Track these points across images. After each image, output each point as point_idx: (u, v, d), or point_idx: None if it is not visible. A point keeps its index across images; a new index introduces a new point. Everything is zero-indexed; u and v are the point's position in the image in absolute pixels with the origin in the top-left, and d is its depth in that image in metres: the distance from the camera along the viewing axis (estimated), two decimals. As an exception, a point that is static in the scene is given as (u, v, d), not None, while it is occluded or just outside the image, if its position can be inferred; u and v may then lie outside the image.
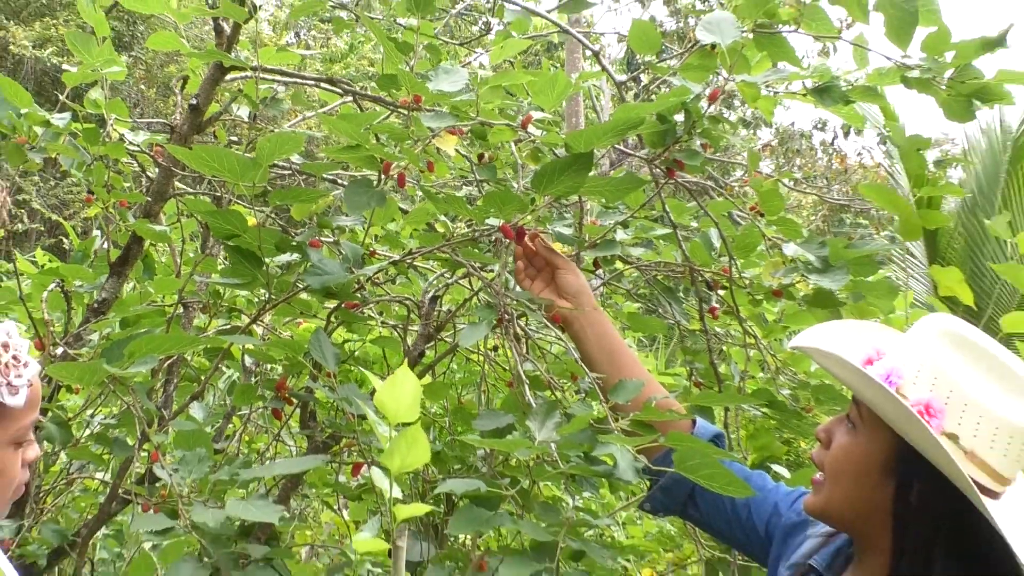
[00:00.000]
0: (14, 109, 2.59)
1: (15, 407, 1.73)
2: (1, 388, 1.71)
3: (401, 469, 1.28)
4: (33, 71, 15.15)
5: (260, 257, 2.36)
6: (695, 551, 3.37)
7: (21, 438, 1.79)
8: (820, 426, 1.99)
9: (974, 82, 2.32)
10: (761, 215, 2.58)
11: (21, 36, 15.32)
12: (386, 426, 1.29)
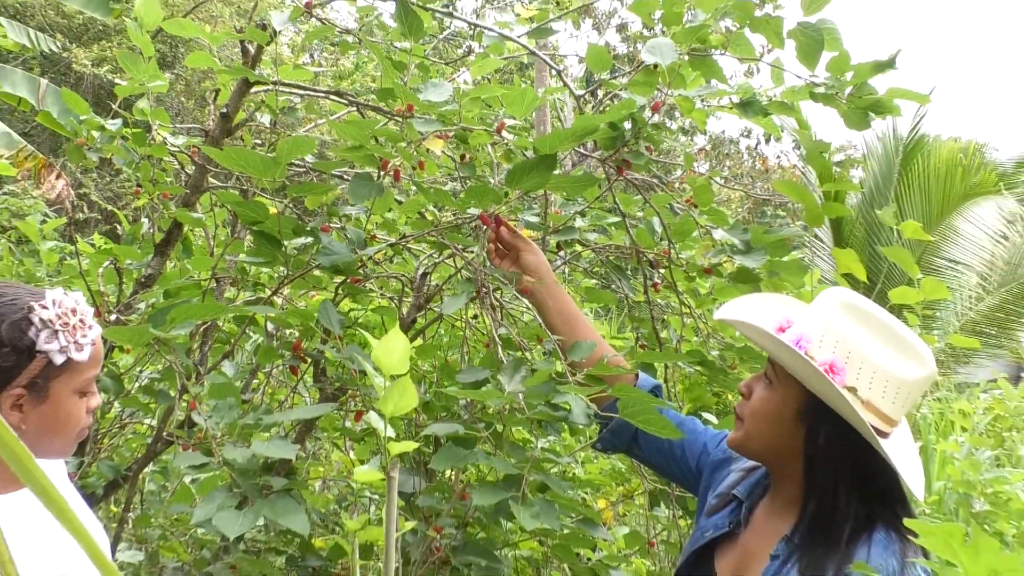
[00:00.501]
0: (75, 117, 2.58)
1: (80, 361, 1.73)
2: (70, 345, 1.71)
3: (394, 413, 1.29)
4: (91, 86, 15.04)
5: (280, 240, 2.36)
6: (641, 484, 3.38)
7: (85, 389, 1.79)
8: (742, 382, 2.02)
9: (869, 97, 2.33)
10: (695, 206, 2.59)
11: (82, 56, 15.20)
12: (381, 377, 1.30)
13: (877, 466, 1.83)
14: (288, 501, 2.01)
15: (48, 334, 1.70)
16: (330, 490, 3.46)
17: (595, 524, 2.61)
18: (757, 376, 1.98)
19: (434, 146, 2.31)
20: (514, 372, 2.09)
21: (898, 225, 2.38)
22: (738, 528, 1.99)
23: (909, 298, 2.50)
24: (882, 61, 2.31)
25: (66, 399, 1.76)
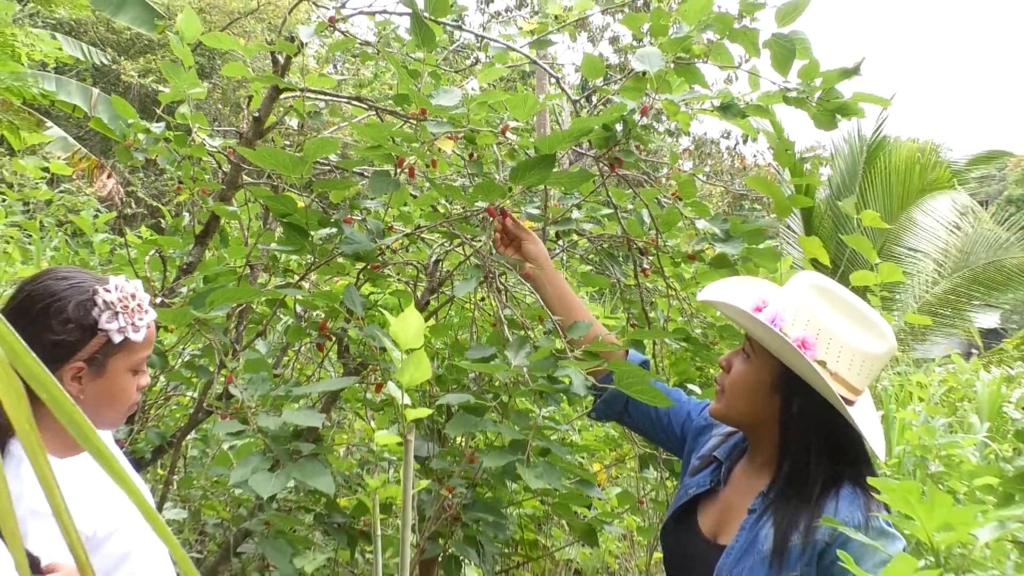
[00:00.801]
0: (124, 121, 2.58)
1: (136, 342, 1.75)
2: (128, 326, 1.73)
3: (410, 383, 1.30)
4: (138, 94, 15.02)
5: (307, 231, 2.36)
6: (631, 449, 3.39)
7: (138, 367, 1.80)
8: (723, 356, 2.03)
9: (836, 101, 2.32)
10: (680, 199, 2.58)
11: (129, 68, 15.20)
12: (399, 351, 1.30)
13: (844, 430, 1.85)
14: (315, 464, 2.01)
15: (110, 315, 1.72)
16: (353, 455, 3.46)
17: (591, 485, 2.62)
18: (736, 351, 1.99)
19: (445, 146, 2.31)
20: (519, 348, 2.10)
21: (858, 215, 2.38)
22: (718, 486, 2.01)
23: (869, 281, 2.50)
24: (848, 68, 2.30)
25: (121, 375, 1.77)
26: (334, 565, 3.39)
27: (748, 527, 1.85)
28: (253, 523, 2.54)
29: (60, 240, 5.40)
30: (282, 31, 2.63)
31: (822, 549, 1.74)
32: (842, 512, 1.76)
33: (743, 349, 1.96)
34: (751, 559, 1.81)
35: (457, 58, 12.43)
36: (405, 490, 1.26)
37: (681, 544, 2.02)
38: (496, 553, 2.81)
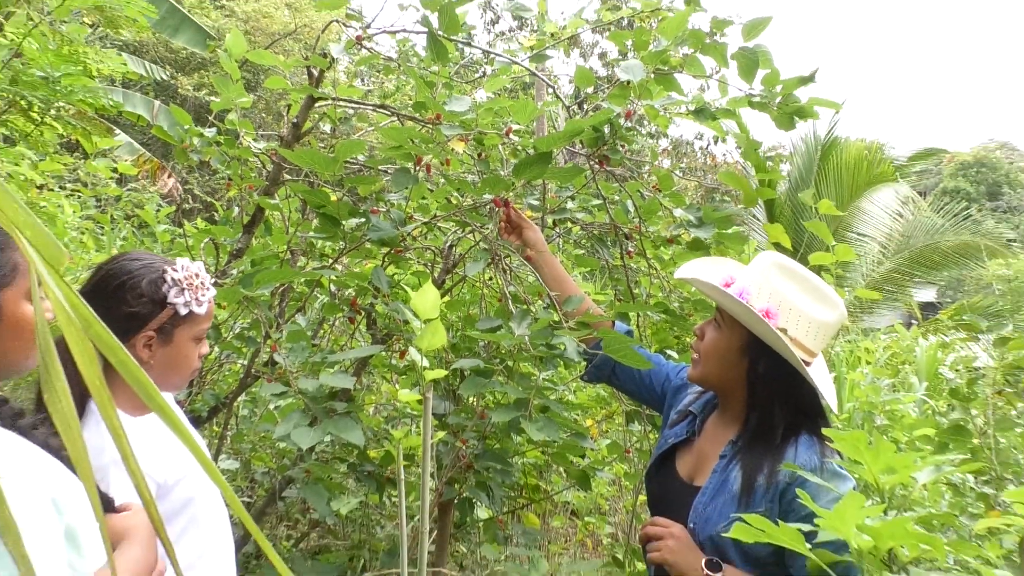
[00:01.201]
0: (181, 127, 2.58)
1: (199, 314, 1.76)
2: (192, 301, 1.73)
3: (428, 348, 1.30)
4: (193, 106, 14.97)
5: (339, 220, 2.36)
6: (619, 407, 3.39)
7: (200, 337, 1.81)
8: (697, 326, 2.03)
9: (794, 105, 2.31)
10: (660, 191, 2.58)
11: (185, 83, 15.17)
12: (418, 321, 1.30)
13: (802, 388, 1.85)
14: (348, 420, 2.02)
15: (177, 290, 1.72)
16: (380, 413, 3.47)
17: (584, 437, 2.63)
18: (708, 321, 1.99)
19: (457, 146, 2.30)
20: (521, 320, 2.10)
21: (815, 204, 2.38)
22: (693, 436, 2.02)
23: (826, 260, 2.49)
24: (804, 76, 2.29)
25: (185, 343, 1.77)
26: (365, 507, 3.41)
27: (720, 470, 1.86)
28: (295, 471, 2.55)
29: (128, 231, 5.40)
30: (316, 48, 2.61)
31: (783, 488, 1.75)
32: (800, 457, 1.77)
33: (715, 320, 1.96)
34: (722, 497, 1.82)
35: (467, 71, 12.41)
36: (425, 441, 1.26)
37: (662, 486, 2.03)
38: (503, 496, 2.82)
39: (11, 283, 1.29)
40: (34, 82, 1.98)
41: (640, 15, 2.63)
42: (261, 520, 3.05)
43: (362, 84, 8.69)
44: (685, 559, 1.78)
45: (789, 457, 1.77)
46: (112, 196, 5.07)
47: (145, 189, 8.99)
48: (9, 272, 1.28)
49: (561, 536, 4.59)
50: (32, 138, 2.35)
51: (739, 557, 1.78)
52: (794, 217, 12.47)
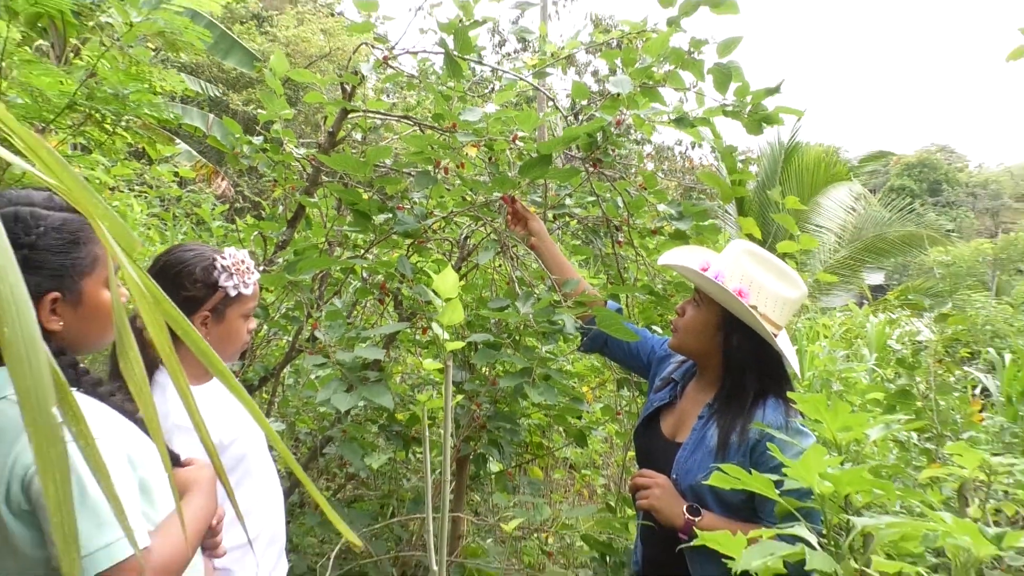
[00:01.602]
0: (233, 136, 2.57)
1: (246, 295, 1.76)
2: (240, 283, 1.74)
3: (448, 323, 1.30)
4: (243, 119, 14.95)
5: (369, 216, 2.35)
6: (611, 375, 3.39)
7: (248, 315, 1.81)
8: (678, 305, 2.04)
9: (763, 113, 2.29)
10: (645, 189, 2.57)
11: (236, 99, 15.14)
12: (440, 300, 1.30)
13: (770, 356, 1.86)
14: (380, 387, 2.02)
15: (226, 275, 1.73)
16: (406, 381, 3.48)
17: (581, 401, 2.63)
18: (688, 301, 2.00)
19: (470, 151, 2.30)
20: (526, 300, 2.09)
21: (783, 199, 2.37)
22: (676, 400, 2.02)
23: (791, 248, 2.47)
24: (771, 88, 2.27)
25: (235, 321, 1.78)
26: (393, 462, 3.42)
27: (698, 428, 1.87)
28: (333, 432, 2.56)
29: (187, 227, 5.40)
30: (348, 68, 2.60)
31: (753, 444, 1.75)
32: (768, 416, 1.77)
33: (694, 299, 1.97)
34: (701, 452, 1.83)
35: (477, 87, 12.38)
36: (446, 403, 1.26)
37: (648, 443, 2.03)
38: (512, 452, 2.82)
39: (92, 272, 1.30)
40: (107, 98, 1.98)
41: (628, 36, 2.61)
42: (305, 474, 3.07)
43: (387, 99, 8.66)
44: (669, 505, 1.80)
45: (758, 417, 1.78)
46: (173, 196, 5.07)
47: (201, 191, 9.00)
48: (90, 263, 1.29)
49: (561, 487, 4.60)
50: (105, 146, 2.35)
51: (716, 504, 1.79)
52: (761, 212, 12.41)
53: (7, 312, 0.38)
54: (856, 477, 0.84)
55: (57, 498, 0.41)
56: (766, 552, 0.73)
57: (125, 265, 0.50)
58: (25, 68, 1.82)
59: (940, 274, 12.08)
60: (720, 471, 0.95)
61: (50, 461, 0.41)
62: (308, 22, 17.33)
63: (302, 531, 3.02)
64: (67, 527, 0.42)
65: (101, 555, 1.13)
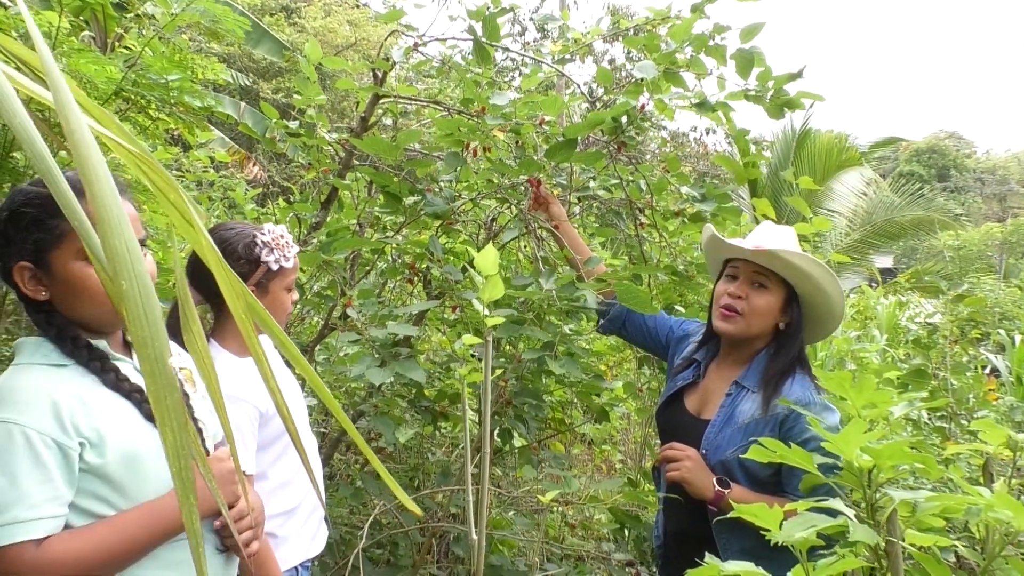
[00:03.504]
0: (269, 120, 2.57)
1: (287, 268, 1.77)
2: (280, 257, 1.75)
3: (488, 299, 1.29)
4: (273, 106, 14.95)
5: (400, 197, 2.35)
6: (631, 353, 3.38)
7: (290, 287, 1.82)
8: (736, 292, 1.91)
9: (784, 98, 2.26)
10: (668, 171, 2.54)
11: (266, 87, 15.15)
12: (481, 276, 1.29)
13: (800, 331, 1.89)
14: (411, 362, 2.03)
15: (267, 250, 1.74)
16: (431, 359, 3.48)
17: (602, 378, 2.62)
18: (742, 285, 1.90)
19: (498, 134, 2.28)
20: (549, 277, 2.09)
21: (796, 181, 2.33)
22: (699, 379, 2.00)
23: (806, 230, 2.45)
24: (793, 73, 2.23)
25: (279, 293, 1.79)
26: (419, 437, 3.43)
27: (727, 406, 1.86)
28: (366, 406, 2.57)
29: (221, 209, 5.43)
30: (380, 55, 2.59)
31: (782, 419, 1.74)
32: (797, 392, 1.76)
33: (753, 283, 1.89)
34: (730, 428, 1.81)
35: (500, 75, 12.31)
36: (486, 377, 1.26)
37: (673, 420, 2.02)
38: (535, 427, 2.82)
39: (59, 245, 1.24)
40: (150, 85, 1.98)
41: (651, 22, 2.57)
42: (336, 447, 3.08)
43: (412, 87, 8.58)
44: (700, 478, 1.78)
45: (786, 392, 1.76)
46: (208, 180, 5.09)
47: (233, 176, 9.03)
48: (56, 236, 1.23)
49: (580, 461, 4.61)
50: (149, 131, 2.36)
51: (744, 477, 1.78)
52: (774, 196, 12.30)
53: (124, 266, 0.38)
54: (897, 451, 0.82)
55: (175, 445, 0.41)
56: (807, 524, 0.72)
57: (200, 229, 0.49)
58: (75, 56, 1.82)
59: (950, 257, 11.93)
60: (759, 444, 0.94)
61: (167, 409, 0.41)
62: (335, 13, 17.29)
63: (333, 502, 3.04)
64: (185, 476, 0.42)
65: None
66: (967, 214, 21.65)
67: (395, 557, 2.88)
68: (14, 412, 1.14)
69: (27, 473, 1.12)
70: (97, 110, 0.47)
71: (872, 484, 1.10)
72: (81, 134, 0.38)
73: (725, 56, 2.28)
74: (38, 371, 1.21)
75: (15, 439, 1.12)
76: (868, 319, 6.76)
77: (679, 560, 1.91)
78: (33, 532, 1.10)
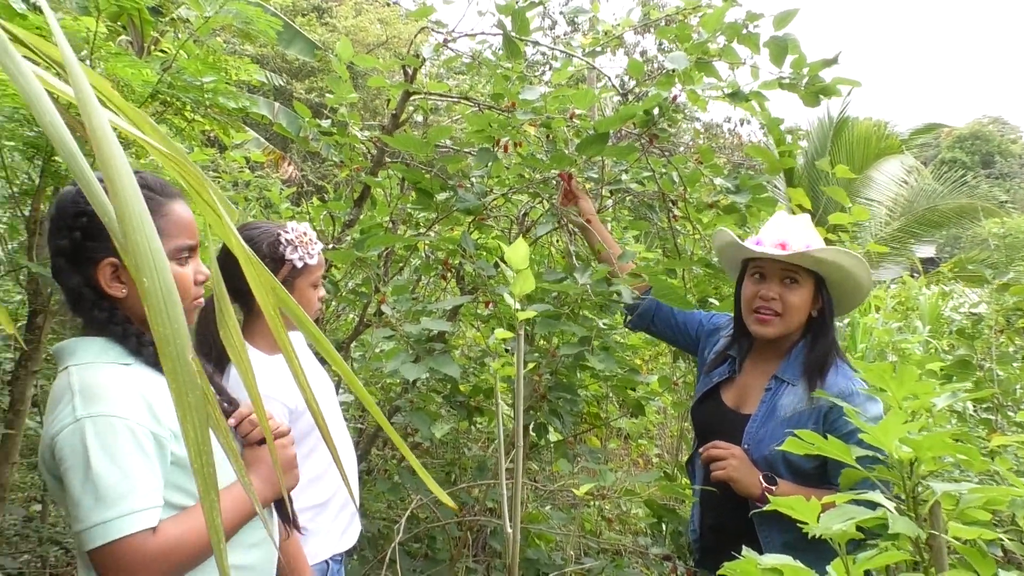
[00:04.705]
0: (303, 119, 2.60)
1: (312, 265, 1.79)
2: (304, 255, 1.76)
3: (519, 294, 1.29)
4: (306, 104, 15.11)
5: (431, 194, 2.36)
6: (666, 347, 3.36)
7: (316, 283, 1.84)
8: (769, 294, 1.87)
9: (820, 84, 2.22)
10: (701, 163, 2.52)
11: (299, 87, 15.32)
12: (511, 271, 1.29)
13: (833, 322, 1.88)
14: (445, 357, 2.03)
15: (291, 248, 1.75)
16: (466, 355, 3.49)
17: (638, 372, 2.61)
18: (772, 287, 1.87)
19: (529, 129, 2.28)
20: (583, 272, 2.08)
21: (832, 170, 2.30)
22: (735, 374, 1.98)
23: (843, 220, 2.41)
24: (828, 59, 2.19)
25: (305, 290, 1.81)
26: (455, 432, 3.45)
27: (767, 400, 1.84)
28: (401, 401, 2.58)
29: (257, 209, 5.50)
30: (409, 51, 2.60)
31: (826, 411, 1.73)
32: (840, 383, 1.74)
33: (786, 280, 1.86)
34: (772, 422, 1.80)
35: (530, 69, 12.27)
36: (518, 371, 1.26)
37: (710, 415, 2.00)
38: (571, 422, 2.82)
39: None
40: (185, 87, 2.01)
41: (682, 12, 2.54)
42: (374, 442, 3.11)
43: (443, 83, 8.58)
44: (746, 475, 1.77)
45: (831, 384, 1.75)
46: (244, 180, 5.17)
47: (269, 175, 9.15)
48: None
49: (616, 456, 4.60)
50: (185, 133, 2.40)
51: (788, 472, 1.77)
52: (811, 186, 12.11)
53: (145, 263, 0.38)
54: (938, 442, 0.80)
55: (196, 442, 0.42)
56: (844, 517, 0.71)
57: (230, 231, 0.50)
58: (112, 60, 1.86)
59: (995, 245, 11.65)
60: (796, 437, 0.93)
61: (188, 407, 0.42)
62: (365, 12, 17.41)
63: (371, 496, 3.07)
64: (207, 471, 0.43)
65: (97, 531, 1.10)
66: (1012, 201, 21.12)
67: (433, 551, 2.91)
68: (112, 407, 1.16)
69: (136, 464, 1.14)
70: (132, 112, 0.48)
71: (913, 476, 1.08)
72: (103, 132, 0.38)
73: (758, 44, 2.25)
74: (112, 369, 1.23)
75: (119, 432, 1.14)
76: (910, 310, 6.63)
77: (716, 554, 1.90)
78: (150, 521, 1.13)
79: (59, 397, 1.19)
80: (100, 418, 1.14)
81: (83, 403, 1.15)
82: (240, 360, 0.58)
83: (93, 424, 1.14)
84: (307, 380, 0.58)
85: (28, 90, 0.38)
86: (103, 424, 1.14)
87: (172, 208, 1.31)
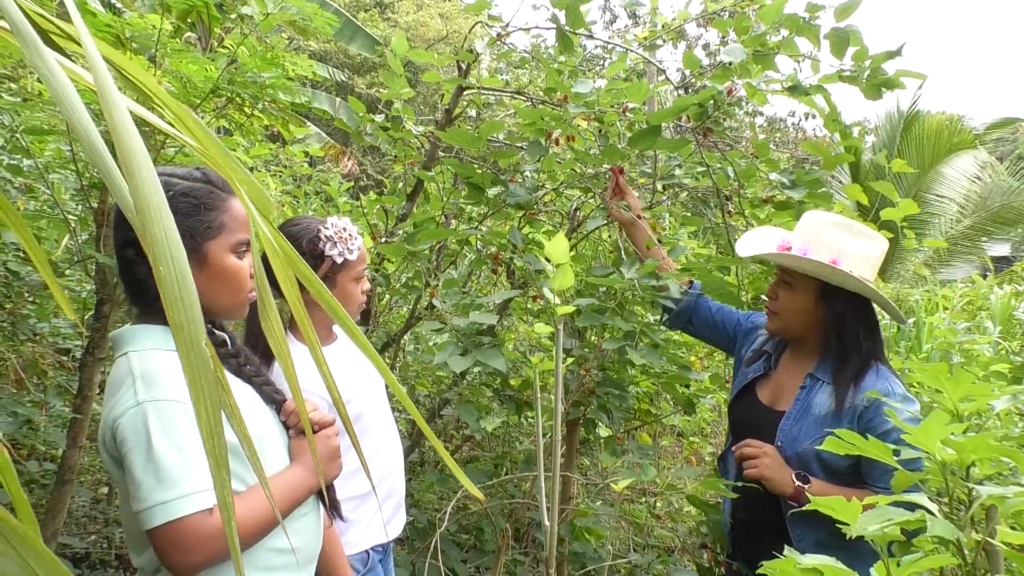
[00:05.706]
0: (358, 115, 2.64)
1: (352, 260, 1.81)
2: (345, 250, 1.79)
3: (559, 288, 1.29)
4: (367, 101, 15.34)
5: (483, 188, 2.37)
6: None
7: (358, 277, 1.86)
8: (768, 289, 1.98)
9: (882, 77, 2.16)
10: (757, 158, 2.47)
11: (360, 82, 15.57)
12: (551, 265, 1.29)
13: (871, 317, 1.84)
14: (494, 351, 2.05)
15: (331, 244, 1.78)
16: (518, 349, 3.50)
17: (689, 369, 2.58)
18: (774, 284, 1.94)
19: (581, 123, 2.27)
20: (631, 265, 2.07)
21: (889, 164, 2.23)
22: (770, 371, 1.98)
23: (894, 215, 2.34)
24: (891, 51, 2.13)
25: (347, 284, 1.84)
26: (506, 426, 3.47)
27: (802, 398, 1.84)
28: (451, 394, 2.61)
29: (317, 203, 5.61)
30: (464, 46, 2.62)
31: (862, 411, 1.70)
32: (879, 384, 1.72)
33: (782, 280, 1.91)
34: (807, 420, 1.79)
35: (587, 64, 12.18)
36: (556, 364, 1.27)
37: (746, 411, 2.01)
38: (620, 418, 2.80)
39: (217, 236, 1.31)
40: (245, 83, 2.07)
41: (740, 4, 2.50)
42: (423, 435, 3.15)
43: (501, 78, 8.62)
44: (779, 474, 1.77)
45: (870, 383, 1.72)
46: (304, 175, 5.27)
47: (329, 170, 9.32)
48: (216, 228, 1.31)
49: (669, 454, 4.56)
50: (245, 128, 2.46)
51: (821, 470, 1.75)
52: (877, 180, 11.78)
53: (162, 253, 0.40)
54: (981, 444, 0.78)
55: (208, 425, 0.43)
56: (883, 518, 0.69)
57: (259, 224, 0.52)
58: (176, 57, 1.93)
59: (1074, 245, 11.11)
60: (835, 436, 0.91)
61: (201, 391, 0.43)
62: (427, 7, 17.56)
63: (423, 487, 3.12)
64: (218, 452, 0.45)
65: (158, 511, 1.13)
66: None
67: (481, 542, 2.93)
68: (172, 391, 1.20)
69: (195, 447, 1.17)
70: (176, 107, 0.51)
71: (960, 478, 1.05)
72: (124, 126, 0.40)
73: (819, 36, 2.19)
74: (171, 356, 1.26)
75: (179, 416, 1.18)
76: (980, 309, 6.39)
77: (747, 548, 1.95)
78: (207, 502, 1.17)
79: (120, 382, 1.23)
80: (161, 402, 1.18)
81: (145, 387, 1.19)
82: (280, 352, 0.60)
83: (155, 408, 1.17)
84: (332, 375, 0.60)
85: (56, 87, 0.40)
86: (164, 408, 1.18)
87: (233, 203, 1.35)
